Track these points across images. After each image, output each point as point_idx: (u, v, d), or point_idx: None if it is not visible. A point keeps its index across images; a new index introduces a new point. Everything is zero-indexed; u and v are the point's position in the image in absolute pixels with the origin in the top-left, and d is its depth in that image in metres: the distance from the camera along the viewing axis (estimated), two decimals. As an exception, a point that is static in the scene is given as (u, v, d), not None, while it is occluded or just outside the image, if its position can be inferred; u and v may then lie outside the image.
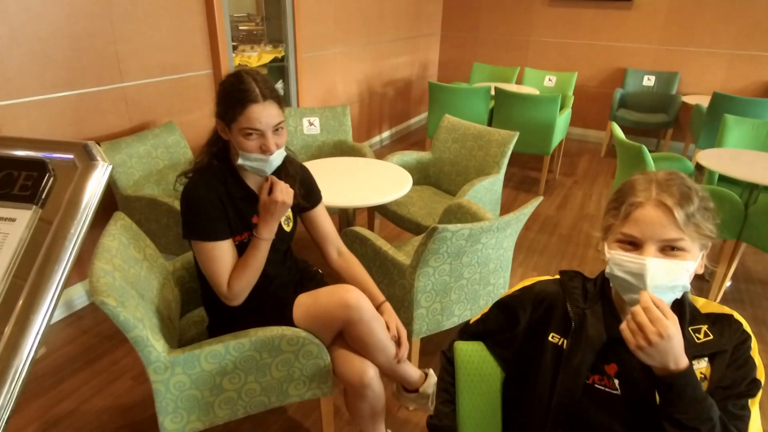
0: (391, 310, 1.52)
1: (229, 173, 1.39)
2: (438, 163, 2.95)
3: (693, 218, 0.82)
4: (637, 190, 0.86)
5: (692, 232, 0.83)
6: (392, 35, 5.04)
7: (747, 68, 4.85)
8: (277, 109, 1.31)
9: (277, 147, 1.33)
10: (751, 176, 2.54)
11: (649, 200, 0.84)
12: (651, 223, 0.83)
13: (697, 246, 0.85)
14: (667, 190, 0.84)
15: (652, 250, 0.83)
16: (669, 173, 0.88)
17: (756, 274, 2.99)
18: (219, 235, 1.33)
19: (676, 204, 0.82)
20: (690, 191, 0.84)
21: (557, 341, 0.95)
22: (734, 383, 0.88)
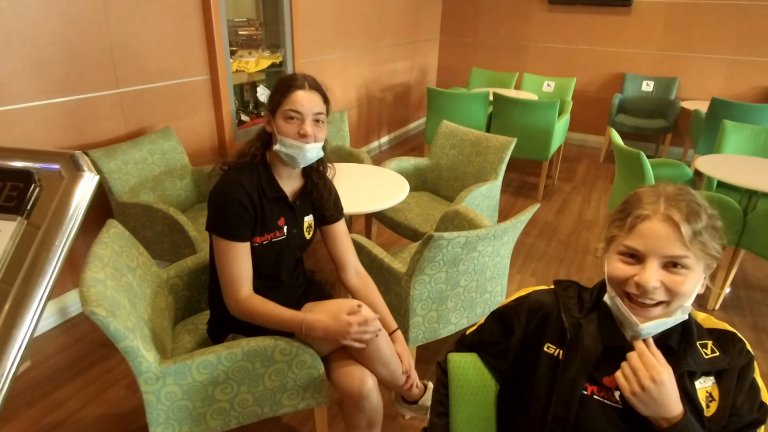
0: (402, 339, 1.52)
1: (265, 172, 1.40)
2: (436, 169, 2.94)
3: (700, 236, 0.80)
4: (644, 203, 0.84)
5: (698, 250, 0.80)
6: (391, 40, 5.04)
7: (746, 74, 4.85)
8: (320, 101, 1.37)
9: (315, 139, 1.35)
10: (750, 183, 2.53)
11: (657, 213, 0.82)
12: (657, 237, 0.81)
13: (702, 266, 0.83)
14: (676, 204, 0.81)
15: (654, 265, 0.81)
16: (679, 188, 0.86)
17: (756, 281, 2.98)
18: (239, 237, 1.33)
19: (684, 220, 0.80)
20: (699, 208, 0.82)
21: (553, 352, 0.94)
22: (748, 411, 0.87)
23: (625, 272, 0.84)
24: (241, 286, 1.35)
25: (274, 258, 1.43)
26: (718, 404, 0.87)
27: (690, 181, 2.96)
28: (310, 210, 1.51)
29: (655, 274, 0.81)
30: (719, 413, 0.86)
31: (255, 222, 1.36)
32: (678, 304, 0.84)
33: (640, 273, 0.82)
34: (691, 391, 0.87)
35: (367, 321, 1.32)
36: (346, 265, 1.57)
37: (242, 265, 1.35)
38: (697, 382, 0.88)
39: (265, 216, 1.38)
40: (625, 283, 0.84)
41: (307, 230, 1.51)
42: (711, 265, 0.85)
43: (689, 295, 0.83)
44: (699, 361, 0.88)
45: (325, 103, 1.38)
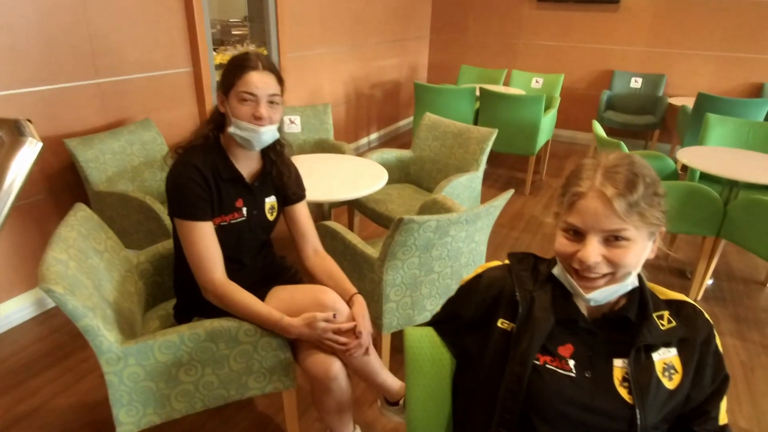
0: (361, 301, 1.48)
1: (219, 153, 1.39)
2: (419, 161, 2.94)
3: (637, 207, 0.79)
4: (581, 179, 0.84)
5: (636, 221, 0.80)
6: (380, 37, 5.04)
7: (733, 70, 4.87)
8: (275, 82, 1.35)
9: (270, 121, 1.34)
10: (731, 173, 2.53)
11: (591, 190, 0.81)
12: (593, 213, 0.80)
13: (645, 234, 0.82)
14: (612, 178, 0.81)
15: (594, 241, 0.81)
16: (618, 157, 0.85)
17: (739, 272, 2.98)
18: (200, 216, 1.32)
19: (618, 194, 0.79)
20: (636, 178, 0.81)
21: (506, 327, 0.93)
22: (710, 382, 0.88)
23: (569, 248, 0.84)
24: (213, 267, 1.34)
25: (234, 240, 1.42)
26: (681, 375, 0.87)
27: (672, 174, 2.96)
28: (271, 191, 1.50)
29: (595, 249, 0.81)
30: (683, 384, 0.86)
31: (212, 203, 1.35)
32: (624, 273, 0.84)
33: (582, 249, 0.82)
34: (647, 364, 0.86)
35: (340, 330, 1.34)
36: (305, 245, 1.57)
37: (210, 246, 1.33)
38: (656, 354, 0.88)
39: (222, 197, 1.37)
40: (570, 259, 0.84)
41: (270, 212, 1.50)
42: (655, 231, 0.85)
43: (634, 264, 0.83)
44: (655, 333, 0.88)
45: (280, 83, 1.37)
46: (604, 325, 0.90)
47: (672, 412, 0.86)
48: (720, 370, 0.88)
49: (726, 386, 0.89)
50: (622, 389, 0.85)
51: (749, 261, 3.11)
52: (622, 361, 0.87)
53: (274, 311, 1.34)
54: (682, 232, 2.60)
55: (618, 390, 0.85)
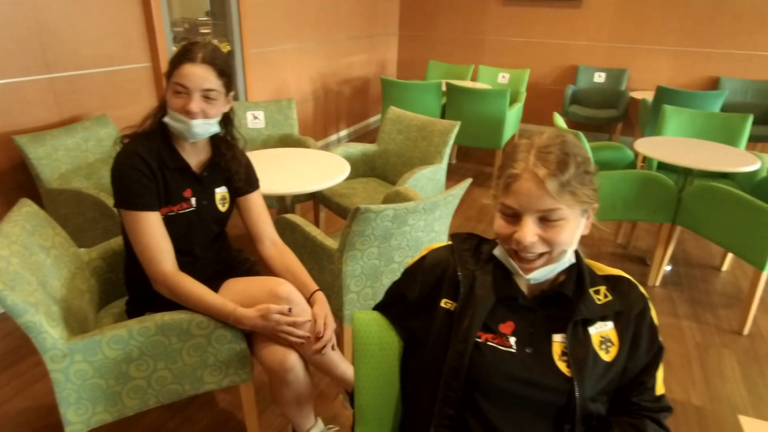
0: (323, 299, 1.47)
1: (165, 143, 1.36)
2: (384, 154, 2.94)
3: (569, 186, 0.81)
4: (515, 160, 0.85)
5: (569, 200, 0.82)
6: (348, 34, 5.03)
7: (691, 64, 5.02)
8: (212, 76, 1.30)
9: (204, 115, 1.31)
10: (685, 161, 2.61)
11: (525, 171, 0.82)
12: (527, 195, 0.82)
13: (577, 212, 0.84)
14: (544, 159, 0.82)
15: (529, 222, 0.83)
16: (551, 137, 0.86)
17: (695, 258, 3.08)
18: (146, 206, 1.29)
19: (550, 175, 0.80)
20: (567, 157, 0.82)
21: (449, 306, 0.94)
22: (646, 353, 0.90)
23: (506, 229, 0.86)
24: (162, 258, 1.31)
25: (184, 231, 1.39)
26: (617, 348, 0.89)
27: (631, 163, 3.04)
28: (222, 182, 1.48)
29: (531, 229, 0.83)
30: (620, 356, 0.88)
31: (158, 192, 1.32)
32: (560, 251, 0.85)
33: (518, 230, 0.83)
34: (584, 338, 0.88)
35: (296, 323, 1.32)
36: (261, 236, 1.55)
37: (158, 236, 1.31)
38: (592, 328, 0.89)
39: (168, 187, 1.35)
40: (509, 239, 0.86)
41: (221, 203, 1.48)
42: (588, 209, 0.87)
43: (569, 242, 0.85)
44: (592, 308, 0.90)
45: (221, 77, 1.32)
46: (543, 302, 0.92)
47: (610, 384, 0.89)
48: (654, 341, 0.91)
49: (660, 357, 0.91)
50: (561, 363, 0.87)
51: (705, 247, 3.21)
52: (561, 336, 0.89)
53: (227, 302, 1.32)
54: (640, 219, 2.67)
55: (557, 364, 0.87)
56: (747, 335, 2.35)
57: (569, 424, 0.85)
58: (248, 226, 1.56)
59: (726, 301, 2.62)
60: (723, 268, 2.94)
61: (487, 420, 0.87)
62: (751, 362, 2.17)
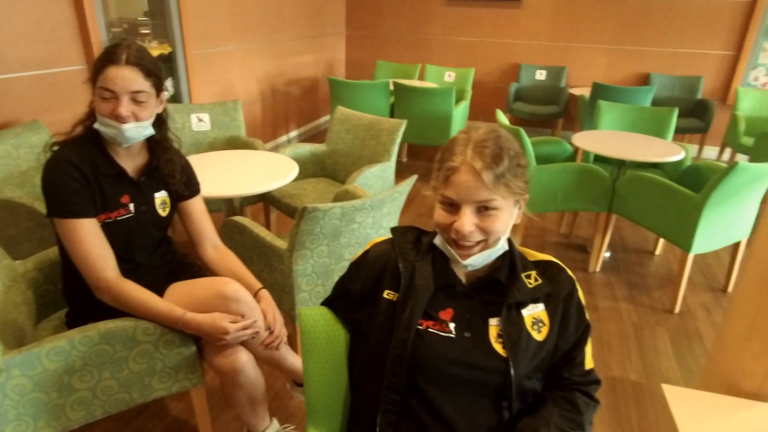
0: (267, 296, 1.49)
1: (98, 148, 1.32)
2: (333, 154, 2.96)
3: (503, 178, 0.87)
4: (454, 153, 0.89)
5: (503, 191, 0.87)
6: (294, 34, 5.00)
7: (624, 61, 5.31)
8: (139, 77, 1.26)
9: (134, 118, 1.28)
10: (617, 153, 2.77)
11: (463, 164, 0.87)
12: (466, 186, 0.87)
13: (511, 202, 0.90)
14: (480, 152, 0.87)
15: (468, 212, 0.88)
16: (487, 132, 0.91)
17: (632, 244, 3.27)
18: (80, 213, 1.25)
19: (486, 167, 0.86)
20: (502, 151, 0.87)
21: (391, 297, 0.97)
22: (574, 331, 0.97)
23: (446, 219, 0.90)
24: (103, 266, 1.28)
25: (123, 238, 1.36)
26: (548, 328, 0.95)
27: (570, 157, 3.19)
28: (161, 186, 1.46)
29: (469, 219, 0.88)
30: (551, 335, 0.95)
31: (94, 199, 1.29)
32: (495, 239, 0.91)
33: (457, 220, 0.88)
34: (517, 320, 0.94)
35: (245, 327, 1.33)
36: (202, 240, 1.54)
37: (97, 243, 1.27)
38: (525, 310, 0.95)
39: (104, 193, 1.31)
40: (448, 229, 0.90)
41: (161, 207, 1.45)
42: (519, 200, 0.93)
43: (503, 230, 0.91)
44: (523, 291, 0.96)
45: (149, 78, 1.29)
46: (480, 289, 0.97)
47: (543, 362, 0.95)
48: (582, 320, 0.98)
49: (587, 334, 0.98)
50: (498, 345, 0.92)
51: (640, 233, 3.42)
52: (496, 319, 0.94)
53: (175, 307, 1.31)
54: (579, 209, 2.82)
55: (494, 346, 0.92)
56: (678, 313, 2.53)
57: (506, 401, 0.91)
58: (189, 231, 1.54)
59: (659, 283, 2.80)
60: (656, 252, 3.14)
61: (430, 403, 0.91)
62: (681, 338, 2.34)
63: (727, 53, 4.95)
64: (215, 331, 1.30)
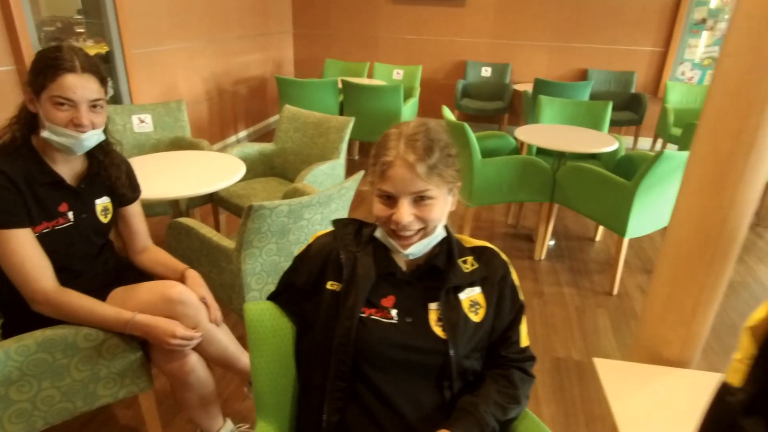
0: (194, 275, 1.46)
1: (32, 156, 1.26)
2: (282, 153, 2.95)
3: (436, 169, 0.91)
4: (387, 148, 0.93)
5: (437, 180, 0.92)
6: (239, 32, 4.91)
7: (564, 57, 5.54)
8: (97, 85, 1.25)
9: (93, 126, 1.25)
10: (556, 145, 2.91)
11: (397, 158, 0.91)
12: (401, 179, 0.91)
13: (444, 191, 0.95)
14: (413, 145, 0.91)
15: (405, 203, 0.92)
16: (417, 125, 0.96)
17: (575, 232, 3.43)
18: (12, 222, 1.19)
19: (419, 160, 0.90)
20: (432, 143, 0.92)
21: (335, 287, 1.00)
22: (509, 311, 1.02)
23: (385, 212, 0.94)
24: (41, 276, 1.23)
25: (63, 247, 1.31)
26: (485, 309, 1.00)
27: (514, 150, 3.32)
28: (103, 192, 1.42)
29: (407, 210, 0.92)
30: (487, 316, 1.00)
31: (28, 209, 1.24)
32: (433, 226, 0.95)
33: (396, 212, 0.92)
34: (455, 304, 0.99)
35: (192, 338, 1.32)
36: (138, 246, 1.53)
37: (33, 254, 1.23)
38: (462, 294, 1.00)
39: (40, 203, 1.27)
40: (388, 221, 0.94)
41: (103, 214, 1.41)
42: (452, 188, 0.97)
43: (440, 218, 0.95)
44: (460, 276, 1.01)
45: (103, 84, 1.27)
46: (419, 275, 1.01)
47: (481, 342, 1.00)
48: (516, 300, 1.04)
49: (521, 313, 1.04)
50: (438, 328, 0.97)
51: (582, 222, 3.59)
52: (436, 304, 0.99)
53: (123, 311, 1.28)
54: (523, 200, 2.94)
55: (434, 329, 0.97)
56: (616, 295, 2.68)
57: (447, 381, 0.96)
58: (125, 235, 1.51)
59: (599, 267, 2.96)
60: (596, 239, 3.32)
61: (376, 387, 0.95)
62: (619, 317, 2.49)
63: (656, 50, 5.26)
64: (164, 333, 1.28)
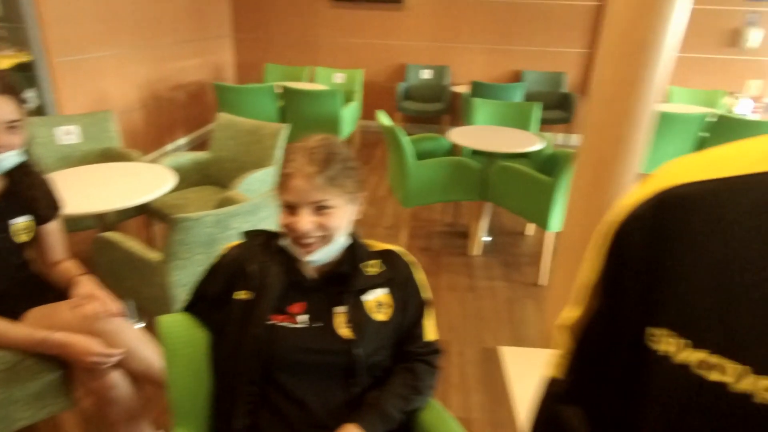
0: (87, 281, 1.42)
1: None
2: (218, 161, 2.93)
3: (335, 180, 0.97)
4: (289, 161, 0.99)
5: (336, 191, 0.98)
6: (175, 37, 4.81)
7: (499, 59, 5.75)
8: (13, 106, 1.23)
9: (10, 148, 1.23)
10: (487, 146, 3.04)
11: (297, 170, 0.97)
12: (300, 190, 0.96)
13: (345, 200, 1.01)
14: (312, 158, 0.97)
15: (305, 212, 0.97)
16: (319, 140, 1.02)
17: (508, 228, 3.59)
18: None
19: (317, 172, 0.96)
20: (331, 156, 0.98)
21: (244, 297, 1.04)
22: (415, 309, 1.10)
23: (288, 221, 1.00)
24: None
25: None
26: (392, 309, 1.07)
27: (449, 151, 3.44)
28: (22, 211, 1.39)
29: (307, 218, 0.97)
30: (394, 316, 1.07)
31: None
32: (333, 234, 1.01)
33: (296, 220, 0.97)
34: (360, 306, 1.05)
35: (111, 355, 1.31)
36: (50, 260, 1.51)
37: None
38: (367, 296, 1.07)
39: None
40: (291, 229, 0.99)
41: (23, 232, 1.38)
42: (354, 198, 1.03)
43: (341, 226, 1.01)
44: (364, 280, 1.07)
45: (22, 103, 1.26)
46: (326, 281, 1.07)
47: (387, 340, 1.07)
48: (419, 298, 1.11)
49: (424, 310, 1.12)
50: (345, 330, 1.03)
51: (515, 217, 3.76)
52: (343, 307, 1.05)
53: (36, 331, 1.27)
54: (456, 199, 3.05)
55: (340, 331, 1.03)
56: (543, 285, 2.84)
57: (354, 378, 1.02)
58: (42, 251, 1.49)
59: (529, 260, 3.12)
60: (527, 233, 3.48)
61: (286, 390, 1.00)
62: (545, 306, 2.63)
63: (584, 51, 5.55)
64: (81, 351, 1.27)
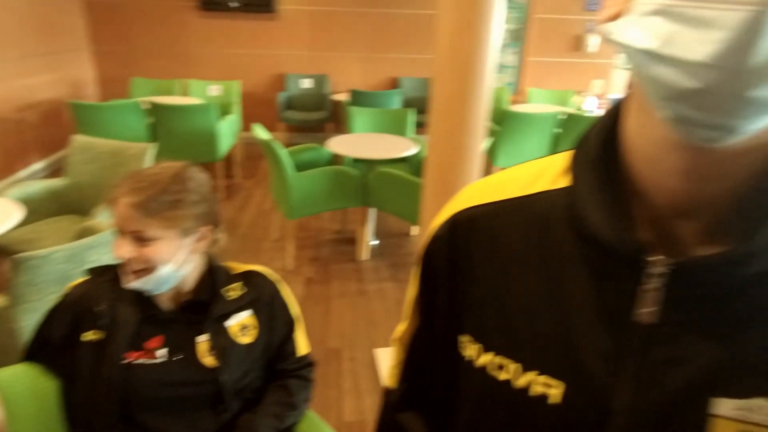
0: None
1: None
2: (77, 187, 2.69)
3: (156, 213, 0.93)
4: (117, 186, 0.96)
5: (159, 223, 0.93)
6: (19, 52, 4.32)
7: (376, 67, 5.93)
8: None
9: None
10: (364, 154, 3.13)
11: (120, 197, 0.93)
12: (121, 217, 0.93)
13: (175, 233, 0.96)
14: (134, 187, 0.94)
15: (123, 239, 0.94)
16: (155, 171, 0.98)
17: (395, 230, 3.72)
18: None
19: (135, 203, 0.92)
20: (156, 186, 0.94)
21: (95, 337, 0.98)
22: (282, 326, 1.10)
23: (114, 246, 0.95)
24: None
25: None
26: (258, 330, 1.07)
27: (330, 160, 3.48)
28: None
29: (123, 246, 0.94)
30: (261, 336, 1.07)
31: None
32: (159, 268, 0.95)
33: (115, 246, 0.94)
34: (222, 332, 1.04)
35: None
36: None
37: None
38: (230, 320, 1.05)
39: None
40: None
41: None
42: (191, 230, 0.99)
43: (167, 259, 0.96)
44: (224, 305, 1.05)
45: None
46: (185, 311, 1.04)
47: (256, 362, 1.07)
48: (287, 316, 1.13)
49: (293, 326, 1.14)
50: (210, 358, 1.01)
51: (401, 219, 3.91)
52: (205, 335, 1.03)
53: None
54: (339, 207, 3.11)
55: (204, 361, 1.01)
56: (430, 282, 2.99)
57: (222, 404, 1.01)
58: None
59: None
60: (412, 233, 3.65)
61: (149, 429, 0.96)
62: (431, 303, 2.78)
63: (452, 57, 5.92)
64: None
